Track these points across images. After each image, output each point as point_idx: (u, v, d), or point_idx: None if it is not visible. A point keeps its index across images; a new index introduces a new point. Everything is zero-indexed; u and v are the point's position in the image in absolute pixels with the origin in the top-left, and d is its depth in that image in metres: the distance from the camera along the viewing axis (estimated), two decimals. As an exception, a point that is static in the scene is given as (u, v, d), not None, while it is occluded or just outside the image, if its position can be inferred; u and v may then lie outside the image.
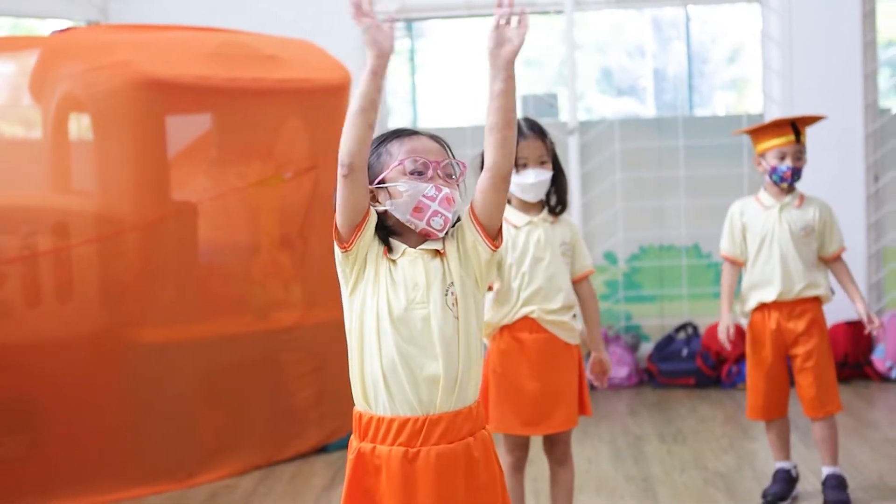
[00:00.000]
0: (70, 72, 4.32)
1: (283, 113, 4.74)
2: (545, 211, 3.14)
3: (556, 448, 3.18)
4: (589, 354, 3.22)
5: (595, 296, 3.26)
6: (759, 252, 3.77)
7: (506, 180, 2.00)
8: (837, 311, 5.55)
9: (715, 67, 9.21)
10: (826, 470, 3.77)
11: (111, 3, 6.17)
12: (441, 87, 9.44)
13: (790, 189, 3.79)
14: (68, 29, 4.54)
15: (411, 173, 2.01)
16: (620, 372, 6.06)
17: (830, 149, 5.77)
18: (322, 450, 4.68)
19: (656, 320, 6.39)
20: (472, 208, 2.03)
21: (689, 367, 5.96)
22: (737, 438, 4.75)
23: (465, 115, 8.73)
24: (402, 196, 1.99)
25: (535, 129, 3.10)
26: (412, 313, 1.97)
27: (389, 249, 2.02)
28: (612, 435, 4.93)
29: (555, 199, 3.15)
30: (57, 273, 4.18)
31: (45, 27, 5.77)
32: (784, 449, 3.86)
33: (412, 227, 2.01)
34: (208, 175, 4.69)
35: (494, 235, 2.02)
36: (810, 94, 6.03)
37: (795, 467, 3.87)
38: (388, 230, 2.03)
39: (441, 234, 2.01)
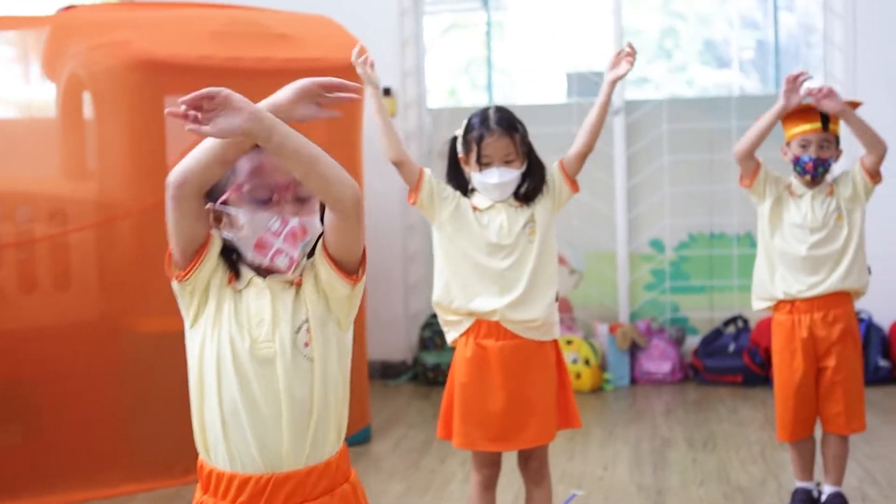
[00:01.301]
0: (75, 50, 4.21)
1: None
2: (511, 196, 2.86)
3: (530, 465, 2.92)
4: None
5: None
6: (785, 237, 3.44)
7: (355, 208, 1.67)
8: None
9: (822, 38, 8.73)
10: (831, 489, 3.47)
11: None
12: (517, 62, 9.13)
13: (814, 182, 3.44)
14: (72, 6, 4.40)
15: (253, 201, 1.71)
16: (663, 367, 5.75)
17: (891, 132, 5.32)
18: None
19: (705, 312, 6.04)
20: (324, 243, 1.74)
21: (736, 363, 5.61)
22: (769, 446, 4.41)
23: (539, 92, 8.43)
24: (242, 229, 1.71)
25: (503, 125, 2.80)
26: (255, 354, 1.70)
27: (237, 276, 1.75)
28: (639, 438, 4.64)
29: (525, 190, 2.86)
30: (54, 259, 4.08)
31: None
32: (808, 468, 3.54)
33: (256, 263, 1.74)
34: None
35: (353, 269, 1.74)
36: (875, 73, 5.58)
37: (818, 485, 3.55)
38: (237, 253, 1.76)
39: (289, 274, 1.73)
